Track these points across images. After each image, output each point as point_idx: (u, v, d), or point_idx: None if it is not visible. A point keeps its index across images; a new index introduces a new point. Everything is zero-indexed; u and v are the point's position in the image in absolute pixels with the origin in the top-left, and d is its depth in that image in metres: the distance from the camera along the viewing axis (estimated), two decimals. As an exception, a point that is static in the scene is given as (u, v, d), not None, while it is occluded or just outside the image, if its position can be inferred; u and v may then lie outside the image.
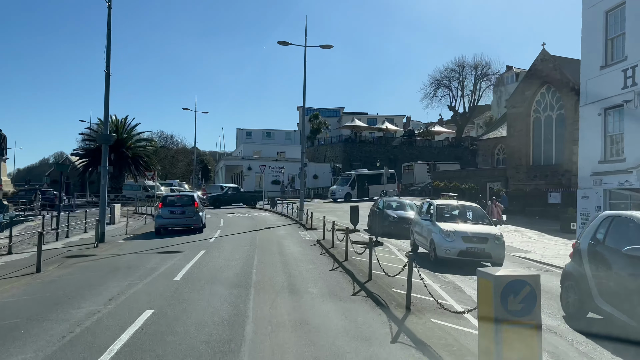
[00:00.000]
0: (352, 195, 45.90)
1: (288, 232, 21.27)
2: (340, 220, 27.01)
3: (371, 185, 46.65)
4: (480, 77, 75.58)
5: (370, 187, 46.57)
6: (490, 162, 49.67)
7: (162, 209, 20.29)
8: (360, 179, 47.48)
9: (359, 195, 45.92)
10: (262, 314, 7.84)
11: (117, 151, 49.39)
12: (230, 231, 20.88)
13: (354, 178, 47.17)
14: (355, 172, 49.04)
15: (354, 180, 47.07)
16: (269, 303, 8.58)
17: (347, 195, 45.93)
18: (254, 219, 28.88)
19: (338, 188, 47.10)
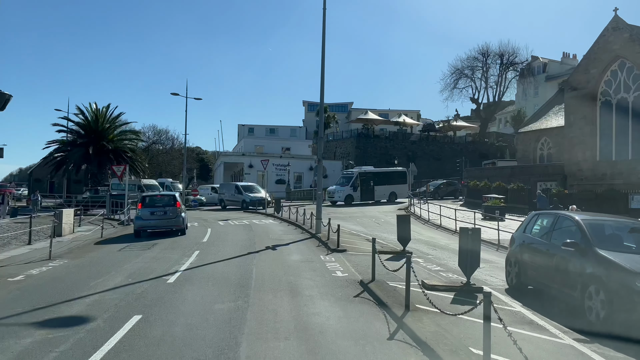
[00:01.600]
0: (354, 198, 38.70)
1: (304, 256, 13.56)
2: (368, 231, 19.78)
3: (378, 185, 40.16)
4: (506, 66, 68.07)
5: (377, 187, 40.08)
6: (532, 158, 42.43)
7: (141, 209, 18.92)
8: (365, 178, 40.06)
9: (363, 197, 39.02)
10: None
11: (96, 144, 42.48)
12: (212, 255, 13.61)
13: (356, 177, 39.65)
14: (359, 169, 41.78)
15: (356, 180, 39.45)
16: None
17: (348, 197, 38.60)
18: (252, 228, 21.67)
19: (337, 189, 39.70)
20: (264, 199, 33.88)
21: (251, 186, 37.70)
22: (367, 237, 18.37)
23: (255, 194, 35.57)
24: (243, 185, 37.64)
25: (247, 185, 38.34)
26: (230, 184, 39.66)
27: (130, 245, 15.79)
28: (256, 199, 34.57)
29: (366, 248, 14.99)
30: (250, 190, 36.25)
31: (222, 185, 41.06)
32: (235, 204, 36.34)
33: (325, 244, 15.16)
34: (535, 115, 45.42)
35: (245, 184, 39.22)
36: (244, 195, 35.45)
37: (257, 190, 36.27)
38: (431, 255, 14.59)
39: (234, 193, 36.65)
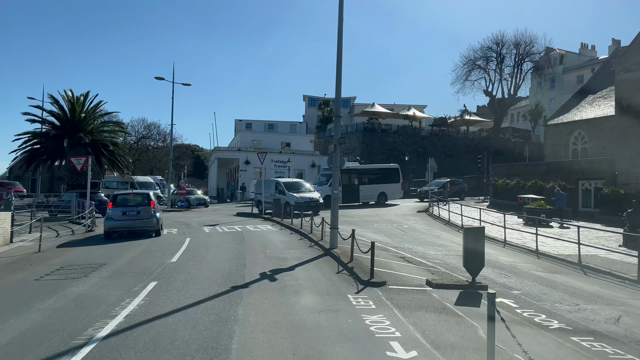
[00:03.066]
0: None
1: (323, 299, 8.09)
2: (394, 242, 14.81)
3: (364, 184, 34.67)
4: (522, 56, 63.10)
5: (363, 187, 34.53)
6: (564, 153, 37.59)
7: (112, 209, 17.92)
8: (347, 176, 34.17)
9: (345, 198, 32.50)
10: None
11: (72, 136, 37.39)
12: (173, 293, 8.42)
13: None
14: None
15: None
16: None
17: (327, 198, 30.63)
18: (244, 239, 16.72)
19: (319, 189, 32.69)
20: (316, 201, 26.17)
21: (296, 183, 28.89)
22: (400, 253, 13.49)
23: (302, 193, 26.84)
24: (286, 183, 28.11)
25: (291, 182, 29.02)
26: (269, 181, 29.80)
27: (63, 270, 10.87)
28: (304, 200, 25.59)
29: (410, 273, 10.11)
30: (296, 189, 27.39)
31: (257, 183, 31.17)
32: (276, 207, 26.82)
33: (350, 269, 10.18)
34: (566, 106, 40.52)
35: (288, 180, 30.04)
36: (287, 195, 26.21)
37: (305, 189, 27.85)
38: (512, 286, 9.69)
39: (274, 193, 27.89)
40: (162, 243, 15.59)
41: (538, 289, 9.61)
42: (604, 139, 35.17)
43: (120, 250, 14.05)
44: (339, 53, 13.16)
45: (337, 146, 13.26)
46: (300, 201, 25.22)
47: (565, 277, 11.33)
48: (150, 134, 68.19)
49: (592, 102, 38.26)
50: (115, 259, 12.26)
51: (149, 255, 12.88)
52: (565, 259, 14.12)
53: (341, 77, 13.36)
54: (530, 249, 15.92)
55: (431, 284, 9.14)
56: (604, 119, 35.12)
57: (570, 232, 19.82)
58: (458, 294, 8.57)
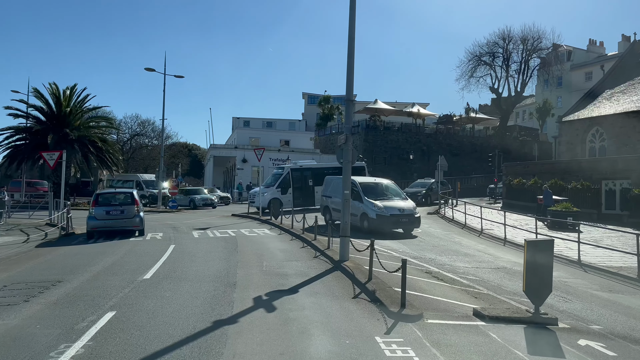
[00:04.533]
0: (283, 203, 27.50)
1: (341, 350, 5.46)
2: (412, 251, 12.45)
3: (319, 186, 28.73)
4: (530, 52, 60.78)
5: (319, 188, 28.34)
6: (580, 152, 35.38)
7: (95, 208, 17.37)
8: (299, 176, 29.49)
9: (297, 201, 28.30)
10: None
11: (57, 132, 35.04)
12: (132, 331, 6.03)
13: (286, 174, 29.22)
14: (292, 165, 31.16)
15: (286, 178, 29.03)
16: None
17: (273, 202, 27.84)
18: (237, 247, 14.38)
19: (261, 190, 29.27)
20: (409, 215, 17.64)
21: (379, 186, 19.37)
22: (423, 265, 11.18)
23: (388, 200, 18.06)
24: (363, 184, 18.94)
25: (371, 183, 19.64)
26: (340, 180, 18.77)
27: (4, 291, 8.54)
28: (391, 213, 17.25)
29: (447, 297, 7.83)
30: (378, 193, 18.62)
31: (327, 181, 22.26)
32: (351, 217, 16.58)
33: (371, 293, 7.81)
34: (581, 102, 38.27)
35: (366, 180, 20.37)
36: (365, 203, 17.83)
37: (392, 194, 18.88)
38: (584, 316, 7.39)
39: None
40: (139, 251, 13.25)
41: (620, 320, 7.32)
42: (625, 136, 33.04)
43: (87, 260, 11.70)
44: (351, 22, 10.84)
45: (348, 137, 10.93)
46: (385, 213, 16.97)
47: (636, 299, 9.06)
48: (144, 131, 65.78)
49: (610, 97, 36.06)
50: (75, 274, 9.92)
51: (119, 269, 10.54)
52: (618, 272, 11.86)
53: (354, 53, 11.04)
54: (569, 258, 13.65)
55: (481, 315, 6.84)
56: (625, 114, 32.98)
57: (601, 237, 17.60)
58: (523, 333, 6.27)
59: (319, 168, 31.17)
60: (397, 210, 17.37)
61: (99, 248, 14.28)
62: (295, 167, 30.40)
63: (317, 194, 28.38)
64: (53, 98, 36.89)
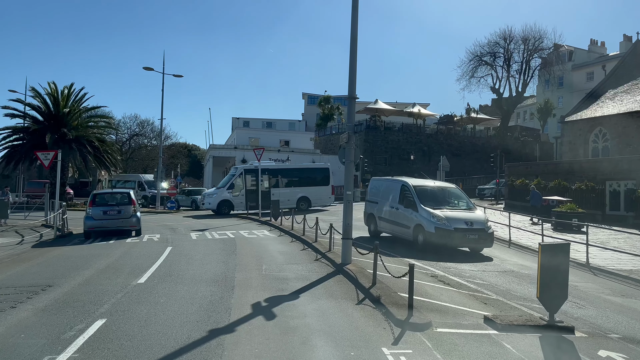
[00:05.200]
0: (234, 205, 27.27)
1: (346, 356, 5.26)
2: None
3: (278, 187, 28.67)
4: (531, 52, 60.39)
5: (275, 190, 28.29)
6: (583, 152, 35.01)
7: (92, 208, 17.34)
8: (254, 177, 27.69)
9: (252, 204, 27.06)
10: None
11: (55, 132, 34.62)
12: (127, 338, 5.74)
13: (239, 175, 28.34)
14: (246, 166, 29.99)
15: (238, 180, 28.16)
16: None
17: (222, 204, 27.31)
18: (236, 249, 14.01)
19: (212, 192, 29.30)
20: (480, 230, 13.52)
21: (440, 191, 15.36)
22: (427, 269, 10.81)
23: (450, 210, 14.06)
24: (420, 189, 14.91)
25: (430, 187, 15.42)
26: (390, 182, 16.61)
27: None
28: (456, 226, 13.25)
29: (455, 303, 7.47)
30: (439, 200, 14.57)
31: (373, 184, 18.01)
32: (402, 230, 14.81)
33: (376, 299, 7.43)
34: (584, 102, 37.90)
35: (423, 184, 15.84)
36: (421, 211, 13.86)
37: (454, 202, 14.83)
38: (600, 324, 7.01)
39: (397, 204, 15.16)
40: (135, 254, 12.87)
41: (637, 328, 6.95)
42: (628, 136, 32.67)
43: (80, 263, 11.32)
44: (353, 17, 10.48)
45: (351, 135, 10.55)
46: (447, 226, 13.05)
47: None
48: (143, 132, 65.36)
49: (614, 97, 35.70)
50: (67, 278, 9.54)
51: (113, 272, 10.16)
52: (628, 275, 11.49)
53: (356, 49, 10.68)
54: (577, 261, 13.24)
55: (493, 323, 6.46)
56: (628, 114, 32.63)
57: (607, 239, 17.24)
58: (539, 343, 5.89)
59: (277, 169, 30.18)
60: (464, 222, 13.17)
61: (93, 250, 13.90)
62: (250, 167, 29.03)
63: (273, 196, 27.51)
64: (51, 98, 36.51)
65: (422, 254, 12.85)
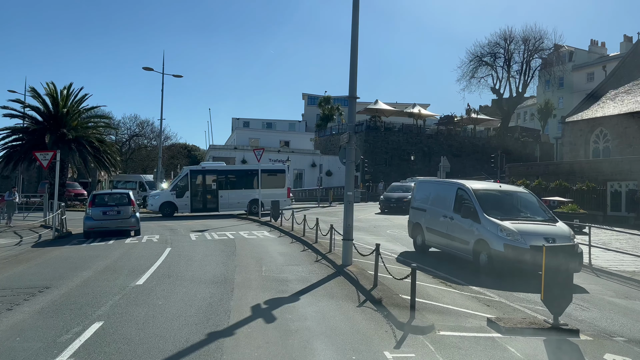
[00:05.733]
0: (178, 207, 26.75)
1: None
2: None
3: (226, 189, 27.76)
4: (531, 52, 60.32)
5: (224, 192, 27.61)
6: (584, 153, 34.93)
7: (92, 208, 17.57)
8: (200, 179, 27.72)
9: (197, 206, 27.05)
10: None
11: (55, 132, 34.52)
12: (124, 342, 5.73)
13: (184, 177, 27.70)
14: (192, 167, 29.72)
15: (184, 181, 27.42)
16: None
17: (165, 205, 26.79)
18: (235, 250, 13.92)
19: (155, 193, 28.82)
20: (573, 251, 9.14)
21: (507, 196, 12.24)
22: (430, 270, 10.70)
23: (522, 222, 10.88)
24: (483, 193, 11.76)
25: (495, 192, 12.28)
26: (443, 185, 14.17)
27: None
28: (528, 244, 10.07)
29: (457, 305, 7.38)
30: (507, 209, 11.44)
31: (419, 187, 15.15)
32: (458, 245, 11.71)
33: (377, 301, 7.33)
34: (585, 102, 37.82)
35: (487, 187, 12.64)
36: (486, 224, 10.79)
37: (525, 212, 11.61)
38: (605, 326, 6.89)
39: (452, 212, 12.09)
40: (134, 255, 12.77)
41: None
42: (629, 137, 32.60)
43: (79, 265, 11.23)
44: (354, 16, 10.39)
45: (351, 135, 10.47)
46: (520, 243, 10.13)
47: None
48: (143, 132, 65.20)
49: (614, 97, 35.63)
50: (65, 280, 9.44)
51: (112, 274, 10.06)
52: (631, 277, 11.38)
53: (357, 48, 10.59)
54: (580, 262, 13.14)
55: (497, 326, 6.36)
56: (629, 115, 32.55)
57: (609, 240, 17.14)
58: (544, 346, 5.79)
59: (226, 170, 29.53)
60: (543, 238, 10.11)
61: (92, 251, 13.80)
62: (196, 168, 28.85)
63: (221, 198, 27.46)
64: (50, 98, 36.38)
65: (487, 278, 10.02)
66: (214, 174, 28.25)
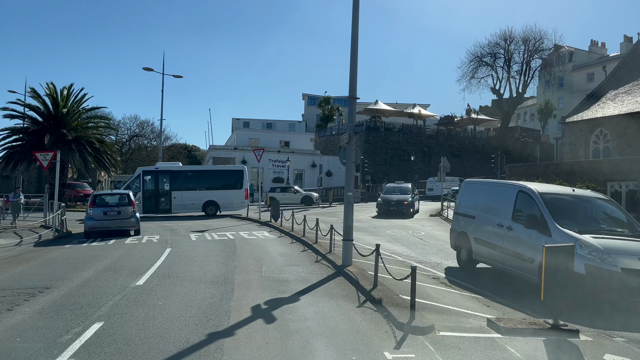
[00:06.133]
0: None
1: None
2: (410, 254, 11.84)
3: (179, 191, 27.24)
4: (531, 52, 60.33)
5: (177, 194, 27.15)
6: (584, 153, 34.91)
7: (93, 209, 17.73)
8: (153, 180, 27.49)
9: (149, 207, 26.66)
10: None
11: (55, 133, 34.53)
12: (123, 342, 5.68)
13: (135, 179, 27.70)
14: (145, 168, 29.65)
15: (135, 182, 27.25)
16: None
17: None
18: (235, 250, 13.94)
19: None
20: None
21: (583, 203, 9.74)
22: (430, 271, 10.72)
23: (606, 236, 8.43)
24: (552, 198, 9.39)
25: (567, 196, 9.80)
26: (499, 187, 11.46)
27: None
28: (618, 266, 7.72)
29: (457, 305, 7.39)
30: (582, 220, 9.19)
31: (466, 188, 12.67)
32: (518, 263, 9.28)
33: (377, 301, 7.35)
34: (585, 102, 37.81)
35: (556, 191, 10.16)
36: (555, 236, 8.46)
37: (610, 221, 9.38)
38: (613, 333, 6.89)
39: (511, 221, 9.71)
40: (134, 255, 12.78)
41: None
42: (629, 137, 32.59)
43: (79, 265, 11.24)
44: (354, 16, 10.41)
45: (351, 136, 10.48)
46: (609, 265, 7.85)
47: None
48: (143, 132, 65.28)
49: (615, 98, 35.62)
50: (65, 280, 9.45)
51: (112, 274, 10.07)
52: (632, 277, 11.39)
53: (357, 49, 10.61)
54: (580, 263, 13.14)
55: (497, 326, 6.37)
56: (629, 115, 32.55)
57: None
58: (544, 347, 5.80)
59: (181, 171, 29.08)
60: (638, 259, 7.92)
61: (92, 251, 13.81)
62: (149, 169, 28.65)
63: (174, 199, 27.15)
64: (50, 98, 36.40)
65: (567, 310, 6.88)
66: (167, 174, 27.85)
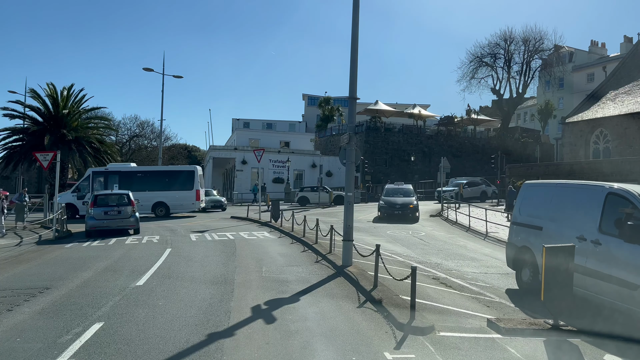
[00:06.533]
0: (79, 209, 25.94)
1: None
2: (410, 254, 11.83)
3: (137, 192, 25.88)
4: (531, 53, 60.26)
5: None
6: (584, 153, 34.92)
7: (94, 208, 18.15)
8: (103, 180, 27.13)
9: None
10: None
11: (55, 133, 34.54)
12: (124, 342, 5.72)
13: (86, 179, 27.47)
14: (95, 169, 29.08)
15: (86, 183, 27.05)
16: None
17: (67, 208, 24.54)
18: (235, 251, 13.92)
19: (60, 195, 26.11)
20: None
21: None
22: (430, 271, 10.70)
23: None
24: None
25: None
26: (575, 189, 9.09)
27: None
28: None
29: (457, 306, 7.37)
30: None
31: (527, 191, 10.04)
32: (614, 290, 6.89)
33: (377, 302, 7.36)
34: (585, 103, 37.82)
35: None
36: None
37: None
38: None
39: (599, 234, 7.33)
40: (134, 255, 12.78)
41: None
42: (629, 138, 32.59)
43: (79, 265, 11.24)
44: (354, 16, 10.41)
45: (352, 136, 10.48)
46: None
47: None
48: (143, 133, 65.29)
49: (615, 98, 35.63)
50: (65, 280, 9.45)
51: (112, 274, 10.08)
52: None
53: (357, 49, 10.61)
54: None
55: (497, 327, 6.37)
56: (629, 116, 32.56)
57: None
58: (544, 347, 5.80)
59: (130, 172, 28.58)
60: None
61: (92, 252, 13.81)
62: (99, 170, 28.35)
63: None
64: (50, 99, 36.41)
65: None
66: (117, 175, 27.57)
